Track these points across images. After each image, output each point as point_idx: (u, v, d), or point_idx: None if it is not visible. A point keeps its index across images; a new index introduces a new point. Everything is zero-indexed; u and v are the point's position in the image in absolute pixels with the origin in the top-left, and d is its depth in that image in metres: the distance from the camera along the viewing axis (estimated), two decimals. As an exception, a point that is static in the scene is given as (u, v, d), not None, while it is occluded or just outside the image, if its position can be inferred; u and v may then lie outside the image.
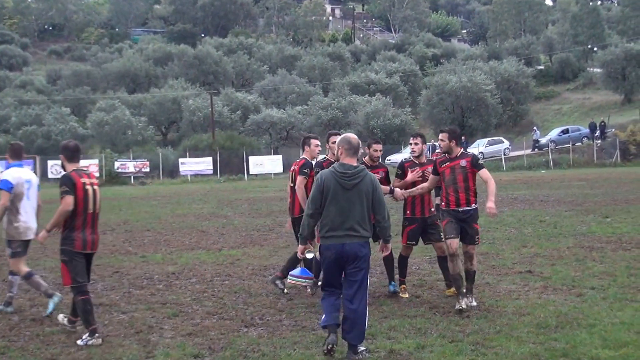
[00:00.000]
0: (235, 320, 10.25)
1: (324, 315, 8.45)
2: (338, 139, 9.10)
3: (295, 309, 10.76)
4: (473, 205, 10.66)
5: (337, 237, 8.28)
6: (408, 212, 11.54)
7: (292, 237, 19.68)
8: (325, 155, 11.85)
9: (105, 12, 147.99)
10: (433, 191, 12.00)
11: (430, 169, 11.31)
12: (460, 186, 10.59)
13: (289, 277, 10.58)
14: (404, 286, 11.61)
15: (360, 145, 8.80)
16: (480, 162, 10.93)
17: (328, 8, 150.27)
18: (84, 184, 9.43)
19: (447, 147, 10.71)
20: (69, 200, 9.19)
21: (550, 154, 62.50)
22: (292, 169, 12.06)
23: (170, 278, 13.83)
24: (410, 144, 11.78)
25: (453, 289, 11.00)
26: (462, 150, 10.89)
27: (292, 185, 11.90)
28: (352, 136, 8.73)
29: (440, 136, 10.89)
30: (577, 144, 65.68)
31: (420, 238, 11.73)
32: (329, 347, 8.20)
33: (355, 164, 8.47)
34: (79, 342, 9.03)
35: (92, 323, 9.16)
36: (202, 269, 14.80)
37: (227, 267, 14.87)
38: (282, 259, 15.51)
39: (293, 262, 11.64)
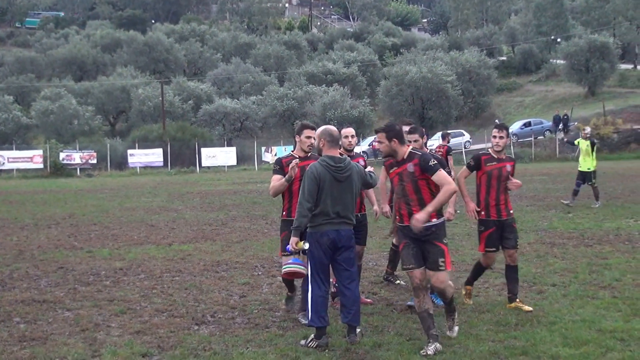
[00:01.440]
0: (185, 317, 10.23)
1: (310, 313, 8.63)
2: (317, 132, 9.22)
3: (248, 306, 10.76)
4: (434, 220, 8.53)
5: (333, 223, 8.73)
6: (482, 213, 10.46)
7: (245, 232, 19.72)
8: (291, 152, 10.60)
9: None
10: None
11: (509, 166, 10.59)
12: (412, 199, 8.62)
13: (283, 268, 9.98)
14: (469, 287, 10.86)
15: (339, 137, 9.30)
16: (433, 163, 8.54)
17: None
18: None
19: (389, 150, 8.69)
20: None
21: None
22: None
23: (117, 274, 13.75)
24: (495, 137, 10.58)
25: (515, 304, 10.23)
26: (410, 149, 8.78)
27: None
28: (332, 128, 9.18)
29: (377, 137, 8.82)
30: (539, 138, 66.22)
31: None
32: (320, 348, 8.54)
33: (340, 156, 8.97)
34: None
35: None
36: (151, 264, 14.74)
37: (177, 263, 14.83)
38: (235, 254, 15.56)
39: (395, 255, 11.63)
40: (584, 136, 24.75)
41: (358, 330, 8.76)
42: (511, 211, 10.59)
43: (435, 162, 8.56)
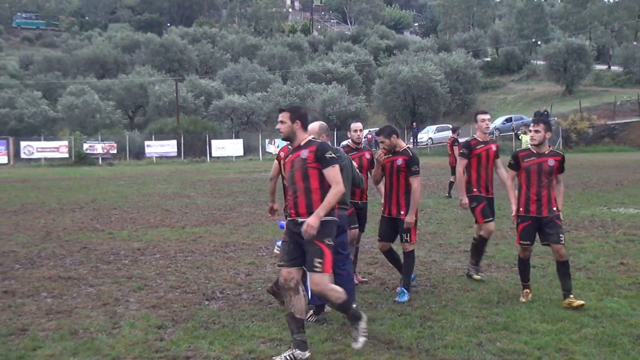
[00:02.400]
0: (197, 293, 10.22)
1: (310, 292, 8.46)
2: (316, 127, 9.07)
3: (253, 284, 10.76)
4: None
5: (342, 209, 8.61)
6: (522, 209, 9.55)
7: (251, 217, 19.70)
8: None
9: (75, 1, 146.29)
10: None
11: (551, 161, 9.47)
12: (299, 187, 7.38)
13: (276, 247, 9.41)
14: (527, 290, 9.60)
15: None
16: (330, 156, 7.27)
17: (288, 0, 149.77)
18: None
19: (289, 131, 7.48)
20: None
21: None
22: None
23: (135, 254, 13.75)
24: (530, 130, 9.58)
25: (568, 300, 9.06)
26: (309, 137, 7.54)
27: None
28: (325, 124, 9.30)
29: (280, 117, 7.55)
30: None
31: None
32: (319, 322, 8.60)
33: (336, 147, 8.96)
34: None
35: None
36: (166, 245, 14.73)
37: (189, 244, 14.82)
38: (242, 237, 15.55)
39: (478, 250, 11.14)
40: (526, 131, 24.91)
41: (354, 306, 8.71)
42: (554, 208, 9.38)
43: (334, 156, 7.28)
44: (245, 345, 7.60)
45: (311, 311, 8.69)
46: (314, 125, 9.02)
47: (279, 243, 8.73)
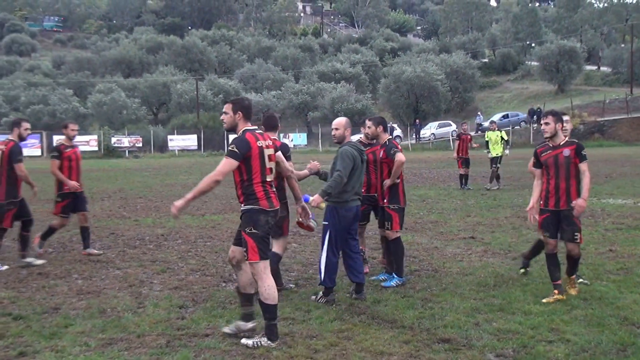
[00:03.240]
0: (215, 276, 10.25)
1: (323, 275, 8.60)
2: (341, 123, 8.98)
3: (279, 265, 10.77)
4: (241, 206, 7.21)
5: (355, 200, 8.74)
6: (542, 202, 8.98)
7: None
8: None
9: (103, 6, 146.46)
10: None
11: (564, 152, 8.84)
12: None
13: (297, 223, 8.93)
14: (556, 291, 8.69)
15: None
16: (229, 147, 7.18)
17: (300, 5, 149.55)
18: None
19: (231, 122, 7.37)
20: None
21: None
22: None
23: (159, 239, 13.79)
24: (542, 124, 9.00)
25: (568, 282, 8.88)
26: (245, 128, 7.31)
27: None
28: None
29: (225, 107, 7.43)
30: (515, 128, 66.05)
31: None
32: (329, 303, 8.55)
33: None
34: None
35: None
36: (187, 231, 14.77)
37: (209, 230, 14.85)
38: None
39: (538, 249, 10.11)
40: (492, 128, 24.96)
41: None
42: (574, 201, 8.59)
43: (229, 149, 7.10)
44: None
45: (320, 292, 8.69)
46: (341, 120, 9.01)
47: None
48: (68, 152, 11.87)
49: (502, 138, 24.35)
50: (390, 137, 9.84)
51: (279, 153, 7.85)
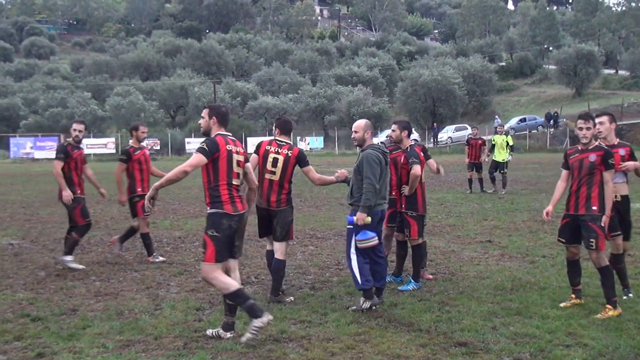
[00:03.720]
0: (233, 279, 10.27)
1: (360, 279, 8.46)
2: (362, 125, 8.90)
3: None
4: (208, 208, 7.46)
5: (381, 204, 8.64)
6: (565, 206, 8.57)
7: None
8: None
9: (122, 9, 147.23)
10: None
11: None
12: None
13: (357, 243, 8.69)
14: (574, 296, 8.60)
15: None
16: (199, 146, 7.36)
17: (317, 9, 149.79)
18: None
19: (206, 126, 7.60)
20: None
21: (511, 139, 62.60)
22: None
23: (177, 241, 13.85)
24: (581, 128, 8.30)
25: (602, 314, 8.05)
26: (218, 132, 7.51)
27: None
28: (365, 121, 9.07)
29: (203, 112, 7.77)
30: (532, 132, 65.85)
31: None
32: (372, 308, 8.41)
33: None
34: None
35: None
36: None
37: (226, 233, 14.86)
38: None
39: None
40: (499, 132, 24.63)
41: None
42: (594, 207, 8.13)
43: (199, 146, 7.25)
44: (278, 326, 7.62)
45: (361, 299, 8.48)
46: (360, 123, 8.93)
47: (358, 237, 8.59)
48: (137, 155, 11.78)
49: (507, 143, 23.97)
50: (413, 142, 9.71)
51: (248, 164, 7.86)
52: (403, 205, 9.59)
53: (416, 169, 9.32)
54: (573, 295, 8.54)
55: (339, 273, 10.69)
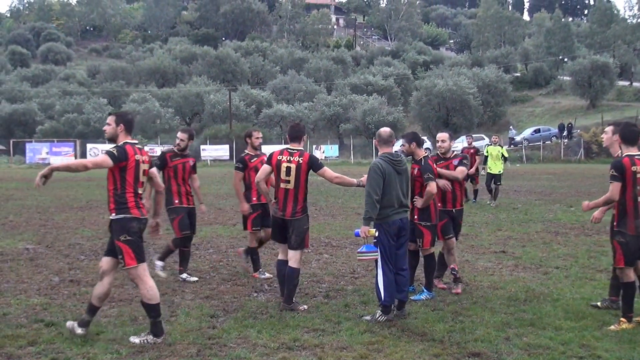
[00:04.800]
0: (246, 286, 10.29)
1: (384, 294, 8.41)
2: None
3: (299, 278, 10.78)
4: (112, 215, 7.71)
5: (399, 213, 8.54)
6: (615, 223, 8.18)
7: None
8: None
9: (139, 16, 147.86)
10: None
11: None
12: None
13: (357, 254, 9.06)
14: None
15: (392, 137, 8.89)
16: (111, 149, 7.50)
17: (333, 18, 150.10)
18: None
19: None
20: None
21: (523, 150, 62.56)
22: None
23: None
24: None
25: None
26: (125, 140, 7.74)
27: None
28: (383, 130, 8.95)
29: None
30: (547, 142, 65.71)
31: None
32: (388, 322, 8.33)
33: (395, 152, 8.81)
34: None
35: None
36: (218, 241, 14.83)
37: (240, 240, 14.87)
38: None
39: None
40: (494, 142, 23.89)
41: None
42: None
43: (112, 152, 7.34)
44: (291, 334, 7.63)
45: (378, 311, 8.44)
46: (385, 130, 8.93)
47: (361, 249, 8.65)
48: (254, 162, 10.93)
49: (502, 155, 23.53)
50: (427, 154, 9.48)
51: (153, 169, 8.02)
52: (416, 216, 9.48)
53: (432, 186, 9.19)
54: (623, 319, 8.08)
55: (354, 282, 10.68)
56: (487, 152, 23.84)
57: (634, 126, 8.24)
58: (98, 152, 64.56)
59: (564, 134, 65.43)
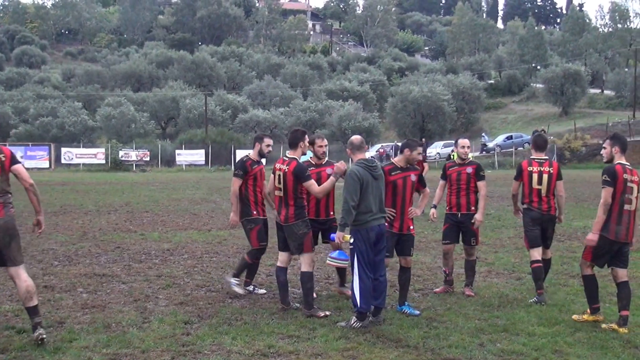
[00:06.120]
0: (221, 292, 10.21)
1: (360, 301, 8.33)
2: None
3: (274, 283, 10.70)
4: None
5: (377, 219, 8.46)
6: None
7: (271, 221, 19.61)
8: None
9: (115, 20, 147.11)
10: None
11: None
12: None
13: (328, 259, 9.08)
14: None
15: (363, 143, 8.83)
16: None
17: (310, 24, 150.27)
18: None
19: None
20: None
21: (496, 156, 62.89)
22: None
23: (165, 254, 13.76)
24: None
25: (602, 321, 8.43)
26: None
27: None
28: (354, 137, 8.90)
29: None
30: (519, 149, 66.09)
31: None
32: (364, 328, 8.28)
33: (369, 158, 8.77)
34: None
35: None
36: (193, 246, 14.74)
37: (215, 246, 14.82)
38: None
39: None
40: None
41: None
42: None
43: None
44: (265, 340, 7.58)
45: (353, 317, 8.38)
46: (357, 137, 8.88)
47: (333, 254, 8.68)
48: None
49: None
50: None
51: (17, 166, 7.69)
52: (411, 227, 9.26)
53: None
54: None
55: (328, 287, 10.66)
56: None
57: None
58: (72, 156, 64.28)
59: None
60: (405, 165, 9.18)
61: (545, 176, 9.74)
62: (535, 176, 9.74)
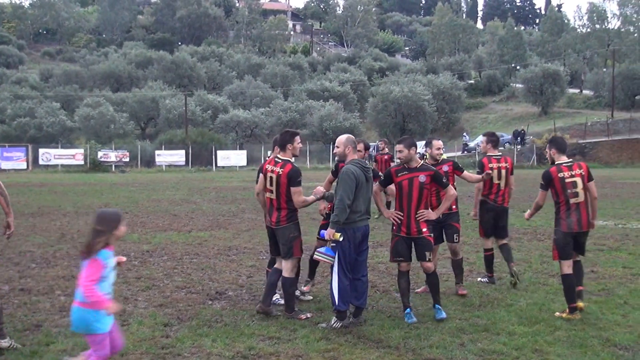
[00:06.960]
0: (201, 294, 10.17)
1: (337, 299, 8.30)
2: (342, 140, 8.75)
3: (254, 285, 10.71)
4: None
5: (364, 220, 8.49)
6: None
7: (252, 222, 19.61)
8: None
9: (93, 19, 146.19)
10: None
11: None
12: None
13: (316, 252, 8.76)
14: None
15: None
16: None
17: (290, 24, 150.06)
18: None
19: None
20: None
21: (477, 156, 63.04)
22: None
23: (144, 255, 13.69)
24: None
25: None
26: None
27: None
28: (353, 137, 8.94)
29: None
30: (500, 148, 66.37)
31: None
32: (344, 328, 8.28)
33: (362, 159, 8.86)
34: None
35: None
36: (173, 248, 14.67)
37: (195, 247, 14.76)
38: (244, 241, 15.50)
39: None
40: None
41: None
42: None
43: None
44: (246, 342, 7.55)
45: (333, 318, 8.39)
46: (341, 138, 8.79)
47: (321, 249, 8.62)
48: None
49: None
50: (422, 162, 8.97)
51: None
52: (423, 230, 8.74)
53: (453, 190, 9.08)
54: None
55: (310, 288, 10.63)
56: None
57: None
58: (50, 157, 63.84)
59: (517, 140, 66.20)
60: (416, 165, 8.75)
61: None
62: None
